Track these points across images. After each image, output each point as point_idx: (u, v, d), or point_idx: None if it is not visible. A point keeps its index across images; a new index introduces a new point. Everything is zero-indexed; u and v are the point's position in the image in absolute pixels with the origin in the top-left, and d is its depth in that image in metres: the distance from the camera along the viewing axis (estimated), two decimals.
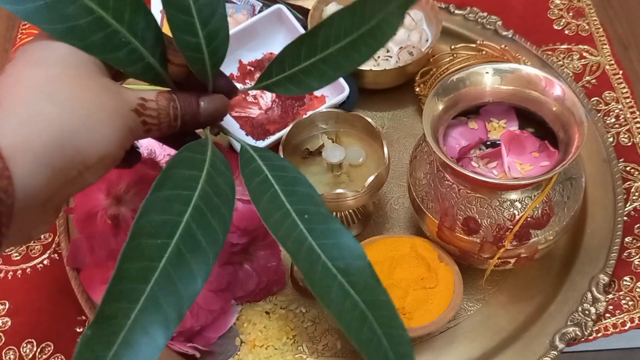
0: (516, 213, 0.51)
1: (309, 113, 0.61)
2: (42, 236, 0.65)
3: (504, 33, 0.75)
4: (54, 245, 0.65)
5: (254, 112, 0.69)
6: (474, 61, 0.67)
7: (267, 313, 0.59)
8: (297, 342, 0.57)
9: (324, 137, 0.60)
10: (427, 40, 0.72)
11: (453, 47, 0.71)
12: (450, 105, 0.54)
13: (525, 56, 0.72)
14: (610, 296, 0.58)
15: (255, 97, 0.70)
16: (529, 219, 0.51)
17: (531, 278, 0.60)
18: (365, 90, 0.71)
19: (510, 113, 0.57)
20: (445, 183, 0.53)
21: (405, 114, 0.72)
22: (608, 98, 0.71)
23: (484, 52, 0.69)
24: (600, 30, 0.77)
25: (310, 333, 0.58)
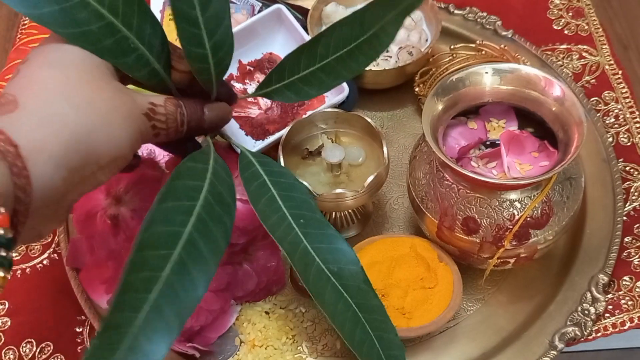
0: (516, 213, 0.51)
1: (309, 113, 0.61)
2: None
3: (504, 33, 0.75)
4: (53, 245, 0.65)
5: (254, 112, 0.69)
6: (474, 61, 0.67)
7: (267, 313, 0.59)
8: (297, 342, 0.57)
9: (324, 137, 0.61)
10: (427, 40, 0.72)
11: (452, 47, 0.71)
12: (450, 105, 0.54)
13: (524, 56, 0.72)
14: (609, 296, 0.58)
15: (255, 97, 0.70)
16: (528, 219, 0.51)
17: (531, 278, 0.60)
18: (365, 90, 0.71)
19: (509, 113, 0.57)
20: (445, 183, 0.53)
21: (405, 114, 0.72)
22: (607, 98, 0.71)
23: (483, 52, 0.69)
24: (600, 30, 0.77)
25: (310, 333, 0.58)
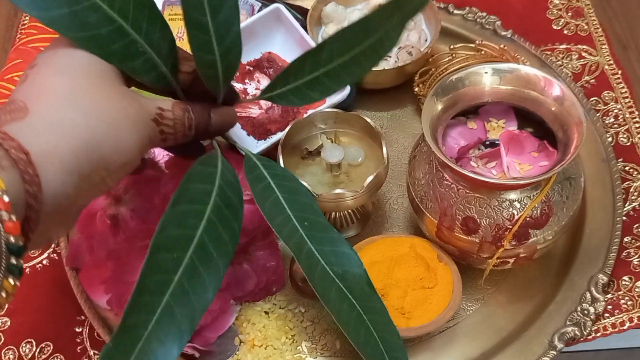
0: (515, 213, 0.51)
1: (309, 112, 0.61)
2: None
3: (503, 33, 0.75)
4: (53, 245, 0.65)
5: (255, 112, 0.69)
6: (473, 61, 0.67)
7: (266, 313, 0.59)
8: (296, 342, 0.57)
9: (323, 137, 0.61)
10: (426, 40, 0.72)
11: (452, 47, 0.71)
12: (449, 105, 0.54)
13: (524, 56, 0.72)
14: (609, 296, 0.58)
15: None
16: (528, 219, 0.51)
17: (530, 278, 0.60)
18: (364, 90, 0.71)
19: (509, 113, 0.57)
20: (444, 183, 0.53)
21: (404, 114, 0.72)
22: (607, 98, 0.71)
23: (483, 52, 0.69)
24: (599, 30, 0.77)
25: (310, 333, 0.58)
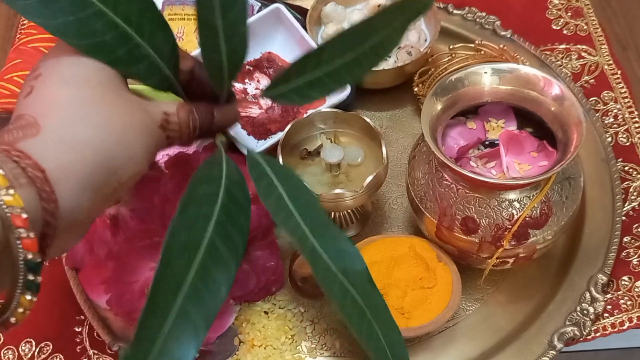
0: (515, 213, 0.51)
1: (310, 112, 0.61)
2: None
3: (503, 33, 0.75)
4: None
5: (255, 112, 0.69)
6: (473, 61, 0.67)
7: (266, 313, 0.59)
8: (296, 342, 0.57)
9: (323, 137, 0.61)
10: (426, 40, 0.72)
11: (451, 47, 0.71)
12: (449, 105, 0.54)
13: (523, 56, 0.72)
14: (608, 296, 0.58)
15: (255, 97, 0.70)
16: (527, 219, 0.51)
17: (530, 278, 0.60)
18: (364, 90, 0.71)
19: (508, 113, 0.57)
20: (444, 183, 0.53)
21: (404, 114, 0.72)
22: (606, 98, 0.71)
23: (482, 52, 0.69)
24: (599, 30, 0.77)
25: (309, 333, 0.58)
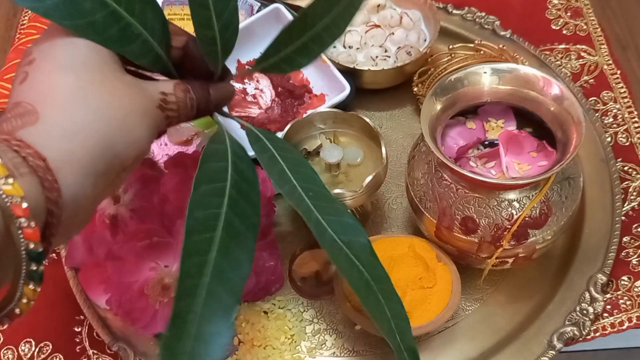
0: (514, 213, 0.51)
1: (309, 112, 0.61)
2: None
3: (502, 33, 0.75)
4: None
5: (254, 112, 0.69)
6: (472, 61, 0.67)
7: (266, 313, 0.59)
8: (296, 342, 0.57)
9: (322, 137, 0.60)
10: (425, 40, 0.72)
11: (451, 47, 0.71)
12: (448, 105, 0.54)
13: (523, 56, 0.72)
14: (608, 296, 0.58)
15: (254, 97, 0.70)
16: (527, 219, 0.51)
17: (529, 278, 0.60)
18: (363, 90, 0.71)
19: (508, 113, 0.57)
20: (443, 183, 0.53)
21: (403, 114, 0.72)
22: (606, 98, 0.71)
23: (482, 52, 0.69)
24: (598, 30, 0.77)
25: (309, 332, 0.58)
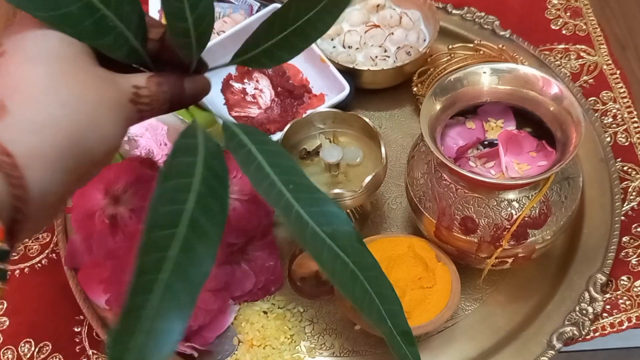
0: (514, 213, 0.51)
1: (309, 112, 0.61)
2: (40, 236, 0.65)
3: (502, 33, 0.75)
4: (52, 245, 0.65)
5: (254, 112, 0.69)
6: (472, 61, 0.67)
7: (265, 312, 0.59)
8: (295, 342, 0.57)
9: (322, 137, 0.61)
10: (425, 40, 0.72)
11: (450, 47, 0.71)
12: (448, 105, 0.54)
13: (522, 56, 0.72)
14: (607, 296, 0.58)
15: (254, 97, 0.70)
16: (526, 219, 0.51)
17: (529, 278, 0.60)
18: (363, 90, 0.71)
19: (507, 113, 0.57)
20: (443, 183, 0.53)
21: (403, 114, 0.72)
22: (605, 98, 0.71)
23: (481, 52, 0.69)
24: (598, 30, 0.77)
25: (308, 332, 0.58)
